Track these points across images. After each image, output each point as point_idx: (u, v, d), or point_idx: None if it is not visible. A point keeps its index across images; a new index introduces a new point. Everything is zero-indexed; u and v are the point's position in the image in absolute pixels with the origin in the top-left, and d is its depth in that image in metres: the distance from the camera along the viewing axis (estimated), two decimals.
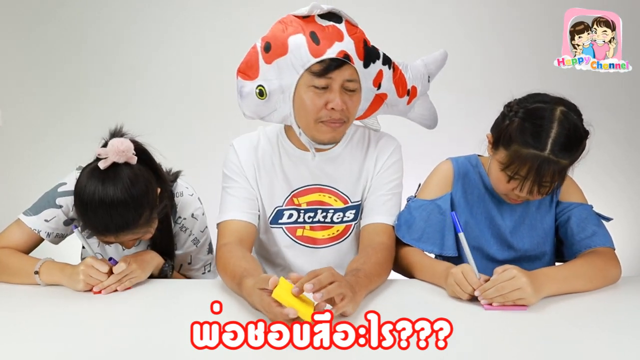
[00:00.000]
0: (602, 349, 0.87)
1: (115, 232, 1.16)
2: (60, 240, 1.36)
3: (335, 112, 1.17)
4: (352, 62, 1.16)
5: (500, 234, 1.30)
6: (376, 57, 1.23)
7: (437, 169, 1.38)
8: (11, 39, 2.43)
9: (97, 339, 0.93)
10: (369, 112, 1.32)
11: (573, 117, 1.16)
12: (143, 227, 1.20)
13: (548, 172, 1.12)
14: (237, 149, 1.34)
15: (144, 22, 2.44)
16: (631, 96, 2.40)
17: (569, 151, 1.13)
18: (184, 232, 1.40)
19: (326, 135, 1.21)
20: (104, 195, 1.12)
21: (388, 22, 2.28)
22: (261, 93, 1.21)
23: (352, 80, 1.17)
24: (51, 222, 1.30)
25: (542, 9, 2.35)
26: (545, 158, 1.12)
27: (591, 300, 1.09)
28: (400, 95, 1.32)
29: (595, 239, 1.22)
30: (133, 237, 1.22)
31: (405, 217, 1.32)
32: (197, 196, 1.44)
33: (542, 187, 1.15)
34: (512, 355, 0.85)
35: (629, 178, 2.42)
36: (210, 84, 2.37)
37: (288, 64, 1.16)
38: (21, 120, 2.45)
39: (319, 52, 1.13)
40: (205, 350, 0.86)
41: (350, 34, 1.17)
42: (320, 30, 1.15)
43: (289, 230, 1.35)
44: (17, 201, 1.55)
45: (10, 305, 1.11)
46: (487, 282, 1.04)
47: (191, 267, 1.44)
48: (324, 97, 1.17)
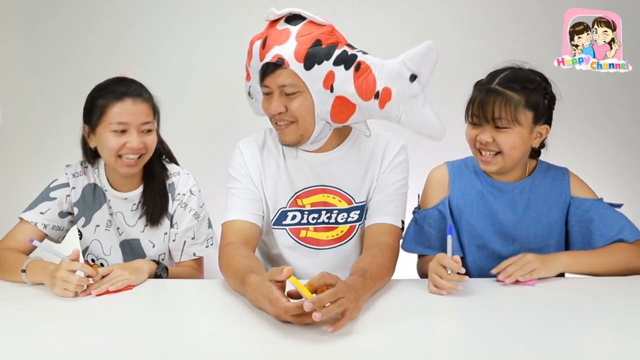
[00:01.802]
0: (604, 346, 0.87)
1: (131, 94, 1.31)
2: (60, 235, 1.42)
3: (277, 116, 1.22)
4: (286, 64, 1.16)
5: (504, 229, 1.31)
6: (323, 58, 1.17)
7: (432, 175, 1.40)
8: (11, 38, 2.43)
9: (98, 340, 0.92)
10: (343, 116, 1.24)
11: (531, 70, 1.26)
12: (150, 110, 1.35)
13: (496, 102, 1.20)
14: (242, 150, 1.35)
15: (146, 21, 2.44)
16: (631, 96, 2.40)
17: (514, 84, 1.21)
18: (183, 207, 1.43)
19: (279, 137, 1.28)
20: (121, 78, 1.37)
21: (381, 22, 2.28)
22: (249, 93, 1.31)
23: (286, 85, 1.19)
24: (46, 213, 1.38)
25: (541, 9, 2.35)
26: (491, 88, 1.21)
27: (592, 299, 1.09)
28: (365, 98, 1.20)
29: (626, 232, 1.24)
30: (143, 115, 1.32)
31: (413, 231, 1.36)
32: (192, 176, 1.48)
33: (497, 121, 1.20)
34: (514, 355, 0.85)
35: (628, 178, 2.42)
36: (213, 84, 2.37)
37: (253, 68, 1.24)
38: (21, 120, 2.45)
39: (262, 56, 1.20)
40: (205, 350, 0.86)
41: (300, 35, 1.17)
42: (273, 34, 1.19)
43: (292, 232, 1.35)
44: (17, 201, 1.55)
45: (11, 306, 1.11)
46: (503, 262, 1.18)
47: (195, 241, 1.46)
48: (269, 101, 1.23)
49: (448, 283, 1.09)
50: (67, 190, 1.41)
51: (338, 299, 0.90)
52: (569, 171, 1.35)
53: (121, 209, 1.42)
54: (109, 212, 1.43)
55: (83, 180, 1.43)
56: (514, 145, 1.22)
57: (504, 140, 1.22)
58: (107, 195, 1.42)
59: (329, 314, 0.89)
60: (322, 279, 0.93)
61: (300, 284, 0.91)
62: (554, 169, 1.35)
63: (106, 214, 1.43)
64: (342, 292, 0.91)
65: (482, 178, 1.34)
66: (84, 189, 1.43)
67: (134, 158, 1.33)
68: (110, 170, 1.41)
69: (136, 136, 1.31)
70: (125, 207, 1.42)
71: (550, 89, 1.25)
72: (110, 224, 1.43)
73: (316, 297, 0.89)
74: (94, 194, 1.43)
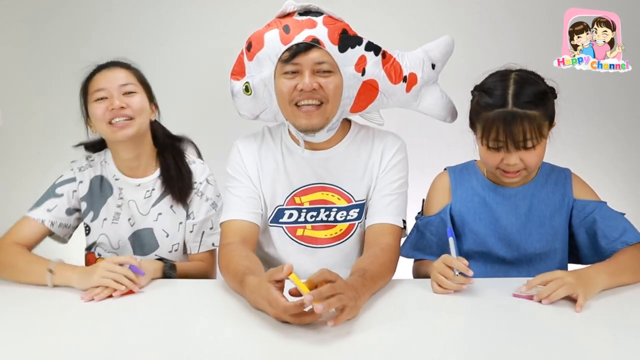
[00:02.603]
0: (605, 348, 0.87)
1: (107, 65, 1.37)
2: (66, 232, 1.41)
3: (306, 93, 1.20)
4: (322, 45, 1.19)
5: (507, 235, 1.29)
6: (356, 43, 1.24)
7: (434, 182, 1.40)
8: (11, 39, 2.43)
9: (97, 340, 0.93)
10: (364, 103, 1.32)
11: (528, 74, 1.21)
12: (131, 75, 1.37)
13: (519, 125, 1.15)
14: (240, 148, 1.35)
15: (147, 21, 2.44)
16: (631, 96, 2.40)
17: (532, 101, 1.16)
18: (200, 197, 1.44)
19: (302, 120, 1.23)
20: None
21: (379, 22, 2.27)
22: (247, 89, 1.28)
23: (322, 62, 1.20)
24: (53, 211, 1.36)
25: (541, 9, 2.35)
26: (510, 112, 1.15)
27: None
28: (395, 81, 1.31)
29: (629, 235, 1.21)
30: (121, 78, 1.35)
31: (415, 238, 1.35)
32: (207, 165, 1.49)
33: (525, 143, 1.16)
34: (514, 355, 0.85)
35: (628, 179, 2.42)
36: (213, 83, 2.36)
37: (265, 56, 1.23)
38: (21, 120, 2.45)
39: (288, 39, 1.19)
40: (205, 350, 0.86)
41: (327, 23, 1.21)
42: (293, 23, 1.21)
43: (289, 230, 1.35)
44: (17, 201, 1.55)
45: (12, 306, 1.11)
46: (534, 279, 1.07)
47: (213, 231, 1.46)
48: (294, 80, 1.21)
49: (455, 284, 1.09)
50: (74, 185, 1.40)
51: (337, 294, 0.91)
52: (572, 172, 1.34)
53: (134, 197, 1.41)
54: (116, 203, 1.41)
55: (90, 173, 1.42)
56: (540, 158, 1.22)
57: (532, 159, 1.19)
58: (119, 184, 1.41)
59: (330, 306, 0.90)
60: (321, 275, 0.93)
61: (300, 281, 0.92)
62: (556, 171, 1.33)
63: (113, 207, 1.41)
64: (341, 288, 0.92)
65: (484, 184, 1.32)
66: (91, 181, 1.42)
67: (122, 120, 1.33)
68: (118, 156, 1.41)
69: (117, 97, 1.33)
70: (139, 194, 1.41)
71: (550, 87, 1.23)
72: (118, 216, 1.42)
73: (315, 290, 0.89)
74: (101, 187, 1.42)
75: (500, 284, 1.17)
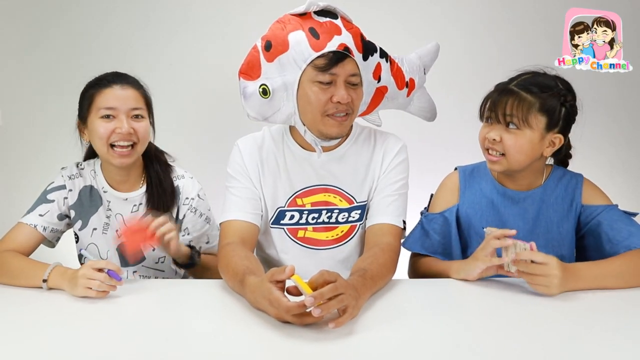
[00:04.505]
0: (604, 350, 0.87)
1: (119, 82, 1.32)
2: (56, 237, 1.41)
3: (341, 106, 1.20)
4: (352, 54, 1.19)
5: (514, 240, 1.29)
6: (374, 50, 1.27)
7: (444, 181, 1.41)
8: (11, 39, 2.43)
9: (97, 339, 0.92)
10: (372, 107, 1.35)
11: (549, 75, 1.24)
12: (140, 98, 1.34)
13: (508, 98, 1.19)
14: (241, 148, 1.35)
15: (147, 22, 2.44)
16: (631, 96, 2.40)
17: (530, 87, 1.19)
18: (194, 213, 1.43)
19: (333, 129, 1.23)
20: (114, 71, 1.37)
21: (381, 23, 2.28)
22: (265, 92, 1.22)
23: (354, 75, 1.21)
24: (45, 216, 1.36)
25: (541, 9, 2.35)
26: (507, 87, 1.20)
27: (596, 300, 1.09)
28: (400, 87, 1.36)
29: (634, 239, 1.18)
30: (131, 100, 1.32)
31: (419, 233, 1.35)
32: (196, 179, 1.47)
33: (510, 119, 1.19)
34: (514, 355, 0.86)
35: (628, 179, 2.42)
36: (213, 83, 2.37)
37: (290, 60, 1.18)
38: (21, 120, 2.45)
39: (319, 46, 1.16)
40: (205, 350, 0.86)
41: (347, 28, 1.21)
42: (318, 25, 1.18)
43: (290, 232, 1.35)
44: (17, 201, 1.55)
45: (13, 306, 1.11)
46: (526, 252, 1.09)
47: (209, 245, 1.47)
48: (328, 91, 1.19)
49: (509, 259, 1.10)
50: (64, 193, 1.39)
51: (339, 295, 0.90)
52: (584, 178, 1.31)
53: (121, 210, 1.40)
54: (105, 214, 1.40)
55: (79, 183, 1.41)
56: (521, 149, 1.20)
57: (511, 142, 1.19)
58: (107, 197, 1.40)
59: (329, 310, 0.89)
60: (321, 277, 0.93)
61: (303, 282, 0.91)
62: (567, 176, 1.31)
63: (103, 217, 1.40)
64: (342, 288, 0.92)
65: (493, 186, 1.32)
66: (80, 191, 1.41)
67: (126, 146, 1.31)
68: (108, 169, 1.40)
69: (125, 121, 1.30)
70: (126, 208, 1.40)
71: (570, 98, 1.22)
72: (107, 227, 1.40)
73: (317, 291, 0.89)
74: (91, 196, 1.41)
75: (501, 285, 1.17)
